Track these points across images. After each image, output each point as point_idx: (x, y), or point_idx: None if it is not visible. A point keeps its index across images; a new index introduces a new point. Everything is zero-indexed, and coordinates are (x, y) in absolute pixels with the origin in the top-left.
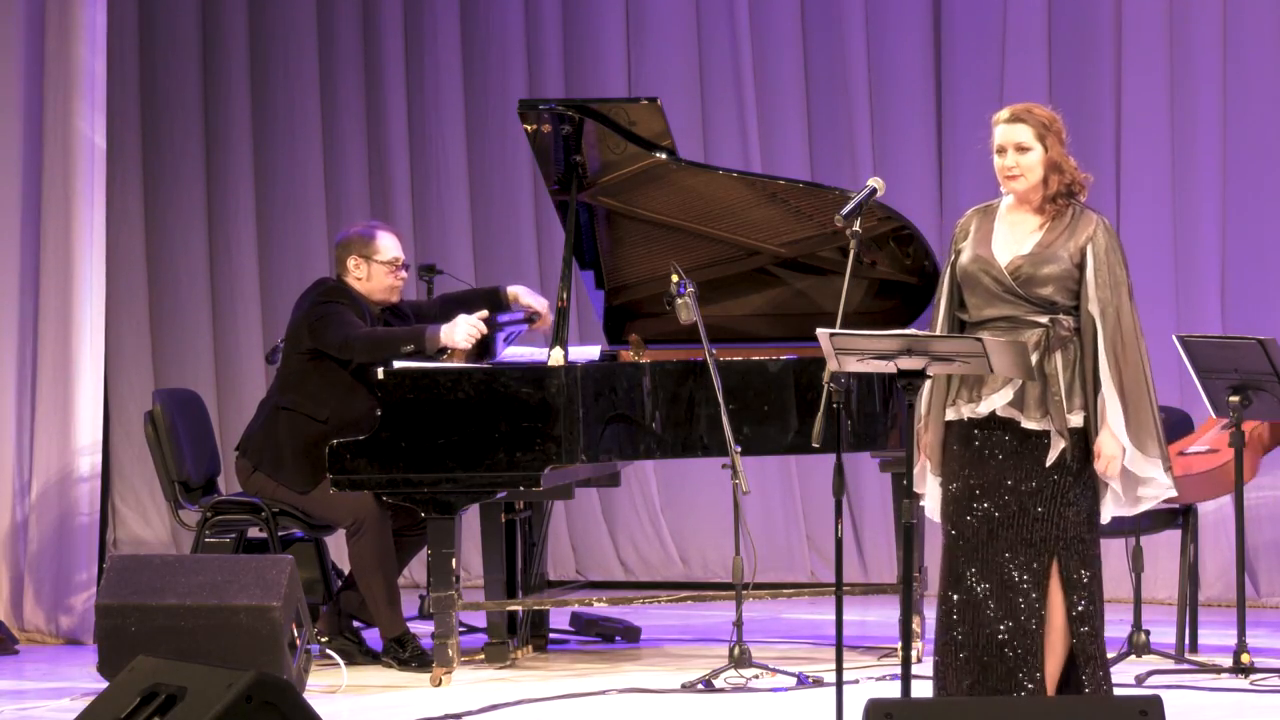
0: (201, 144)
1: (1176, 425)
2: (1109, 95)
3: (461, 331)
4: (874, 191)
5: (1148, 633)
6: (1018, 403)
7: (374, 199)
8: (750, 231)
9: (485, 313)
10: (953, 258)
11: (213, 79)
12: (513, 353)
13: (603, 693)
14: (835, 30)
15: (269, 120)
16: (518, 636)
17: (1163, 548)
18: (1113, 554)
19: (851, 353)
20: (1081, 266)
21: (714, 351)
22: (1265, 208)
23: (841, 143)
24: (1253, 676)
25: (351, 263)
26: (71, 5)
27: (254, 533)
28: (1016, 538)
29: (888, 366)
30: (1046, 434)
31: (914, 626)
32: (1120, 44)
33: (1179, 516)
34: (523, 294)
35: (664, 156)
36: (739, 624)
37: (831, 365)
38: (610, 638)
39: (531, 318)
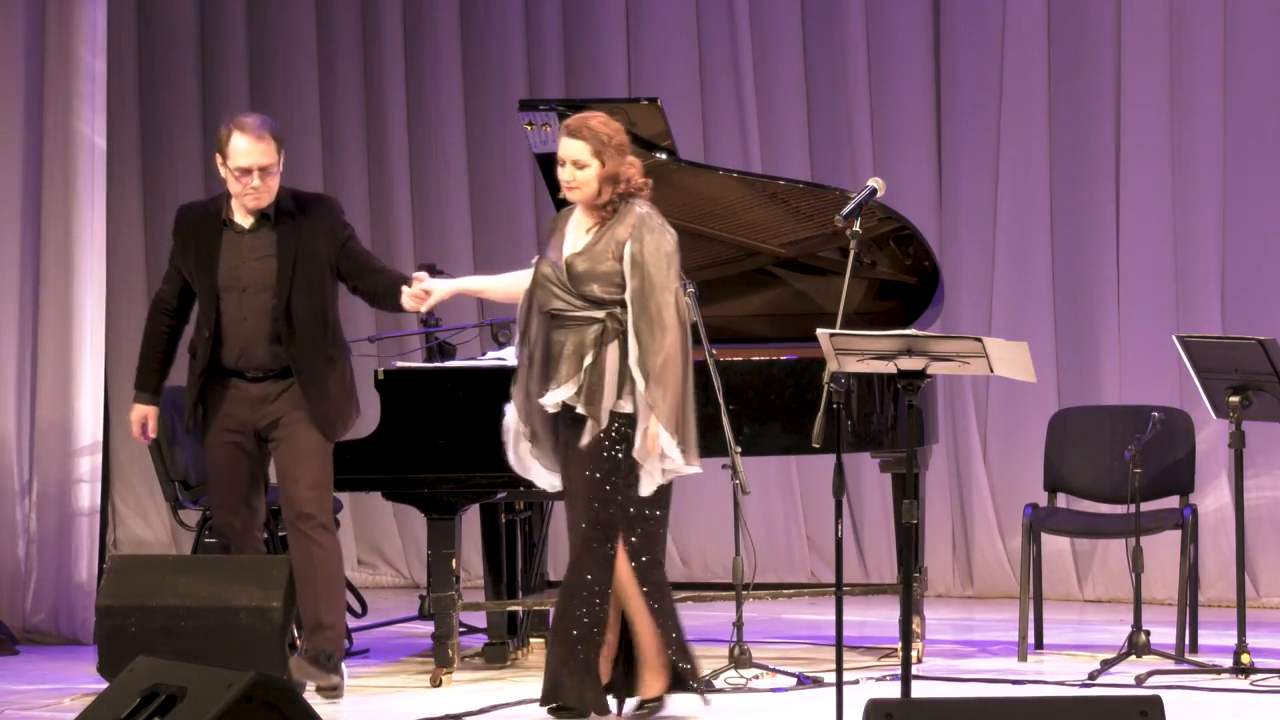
0: (201, 144)
1: (1178, 427)
2: (1109, 94)
3: None
4: (874, 192)
5: (1148, 633)
6: (581, 394)
7: (373, 198)
8: (750, 232)
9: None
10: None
11: (212, 79)
12: (514, 352)
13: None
14: (835, 30)
15: None
16: (518, 637)
17: (1163, 548)
18: (1113, 554)
19: (851, 353)
20: (623, 260)
21: (714, 352)
22: (1266, 207)
23: (841, 143)
24: (1253, 677)
25: (217, 160)
26: (72, 5)
27: None
28: (589, 515)
29: (887, 367)
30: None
31: (914, 627)
32: (1120, 43)
33: (1179, 516)
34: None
35: (664, 157)
36: (739, 624)
37: (832, 365)
38: None
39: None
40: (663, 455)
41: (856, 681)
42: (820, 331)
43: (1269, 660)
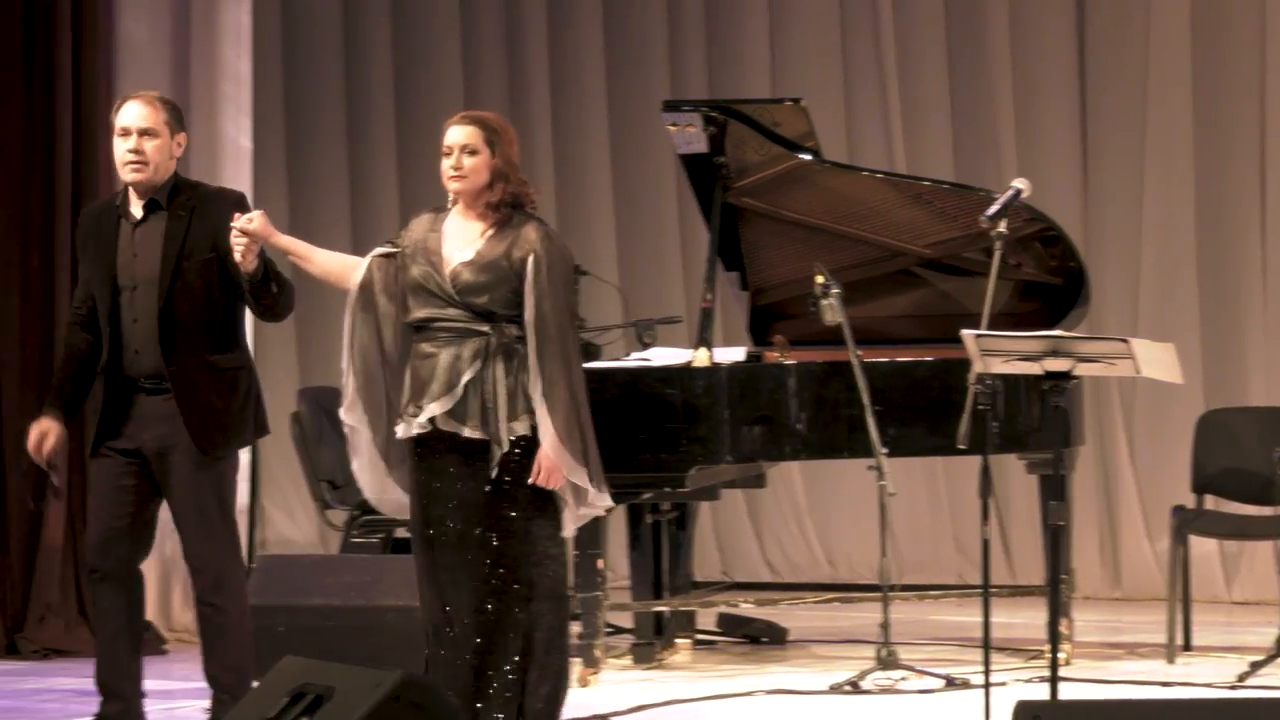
0: (345, 144)
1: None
2: (1254, 92)
3: None
4: (1019, 193)
5: None
6: (458, 414)
7: None
8: (894, 233)
9: None
10: (390, 253)
11: (356, 79)
12: (659, 352)
13: (750, 694)
14: (979, 31)
15: (412, 122)
16: (664, 637)
17: None
18: (1260, 556)
19: (997, 354)
20: (522, 276)
21: (859, 353)
22: None
23: (986, 144)
24: None
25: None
26: (216, 6)
27: (402, 533)
28: (482, 552)
29: (1033, 368)
30: (487, 443)
31: (1062, 628)
32: (1264, 41)
33: None
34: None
35: (808, 158)
36: (886, 625)
37: (977, 366)
38: (757, 639)
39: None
40: (581, 493)
41: (1004, 683)
42: (965, 333)
43: None
